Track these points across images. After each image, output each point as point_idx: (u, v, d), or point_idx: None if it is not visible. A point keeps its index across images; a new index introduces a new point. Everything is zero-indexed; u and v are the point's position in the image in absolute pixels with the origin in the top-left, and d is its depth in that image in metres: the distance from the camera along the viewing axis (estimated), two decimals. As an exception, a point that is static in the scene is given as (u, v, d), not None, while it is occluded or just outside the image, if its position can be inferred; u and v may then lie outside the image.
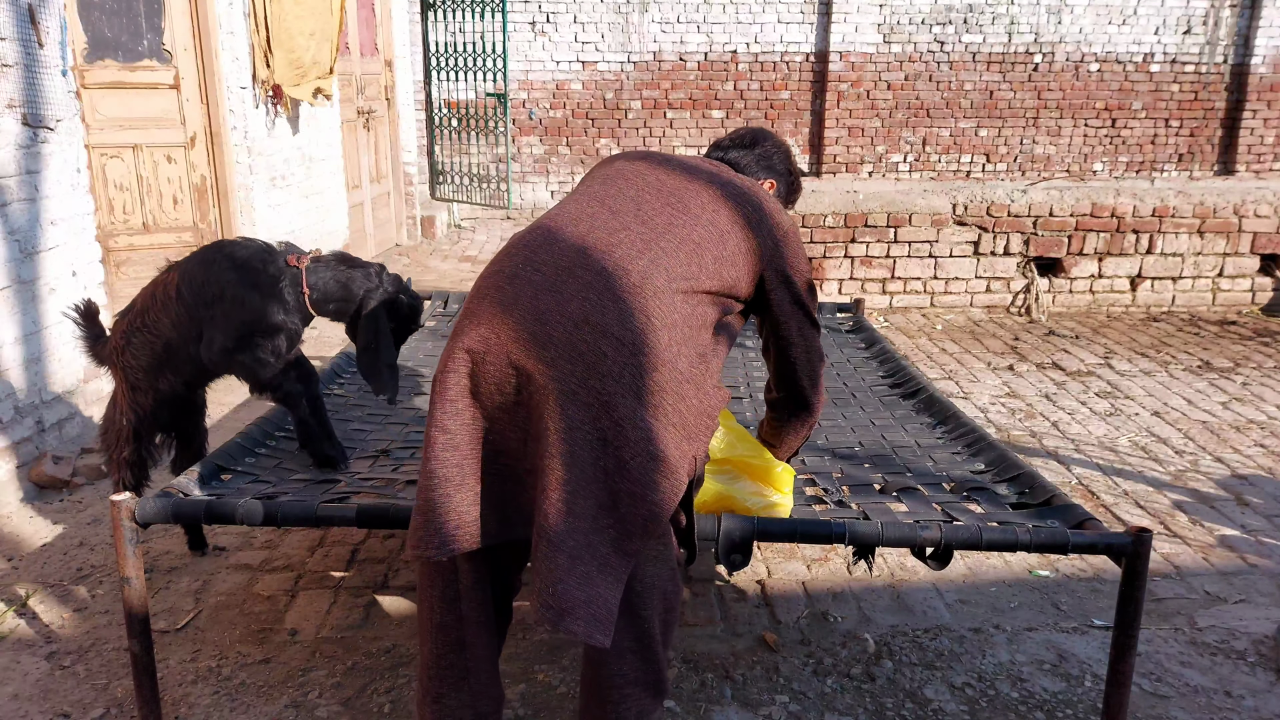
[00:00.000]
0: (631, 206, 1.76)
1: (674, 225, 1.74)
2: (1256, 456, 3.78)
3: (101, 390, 3.84)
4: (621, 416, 1.55)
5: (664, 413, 1.59)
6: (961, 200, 5.91)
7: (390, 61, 8.03)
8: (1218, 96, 10.07)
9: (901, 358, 3.41)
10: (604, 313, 1.58)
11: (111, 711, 2.23)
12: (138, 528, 1.95)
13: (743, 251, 1.80)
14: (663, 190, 1.81)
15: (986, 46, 9.81)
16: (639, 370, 1.57)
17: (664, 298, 1.64)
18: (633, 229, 1.72)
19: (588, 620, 1.53)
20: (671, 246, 1.71)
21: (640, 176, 1.84)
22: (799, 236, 1.92)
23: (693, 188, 1.82)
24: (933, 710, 2.23)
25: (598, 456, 1.55)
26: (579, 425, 1.55)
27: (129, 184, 4.84)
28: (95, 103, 4.62)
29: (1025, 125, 10.07)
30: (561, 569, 1.52)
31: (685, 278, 1.69)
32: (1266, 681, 2.36)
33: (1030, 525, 1.97)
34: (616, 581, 1.58)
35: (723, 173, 1.91)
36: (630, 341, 1.57)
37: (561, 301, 1.59)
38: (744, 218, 1.82)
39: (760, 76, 9.83)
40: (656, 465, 1.56)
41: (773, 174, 2.10)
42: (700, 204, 1.79)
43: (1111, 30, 9.83)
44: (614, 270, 1.63)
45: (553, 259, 1.65)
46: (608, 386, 1.55)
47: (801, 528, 1.95)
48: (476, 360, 1.62)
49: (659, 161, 1.90)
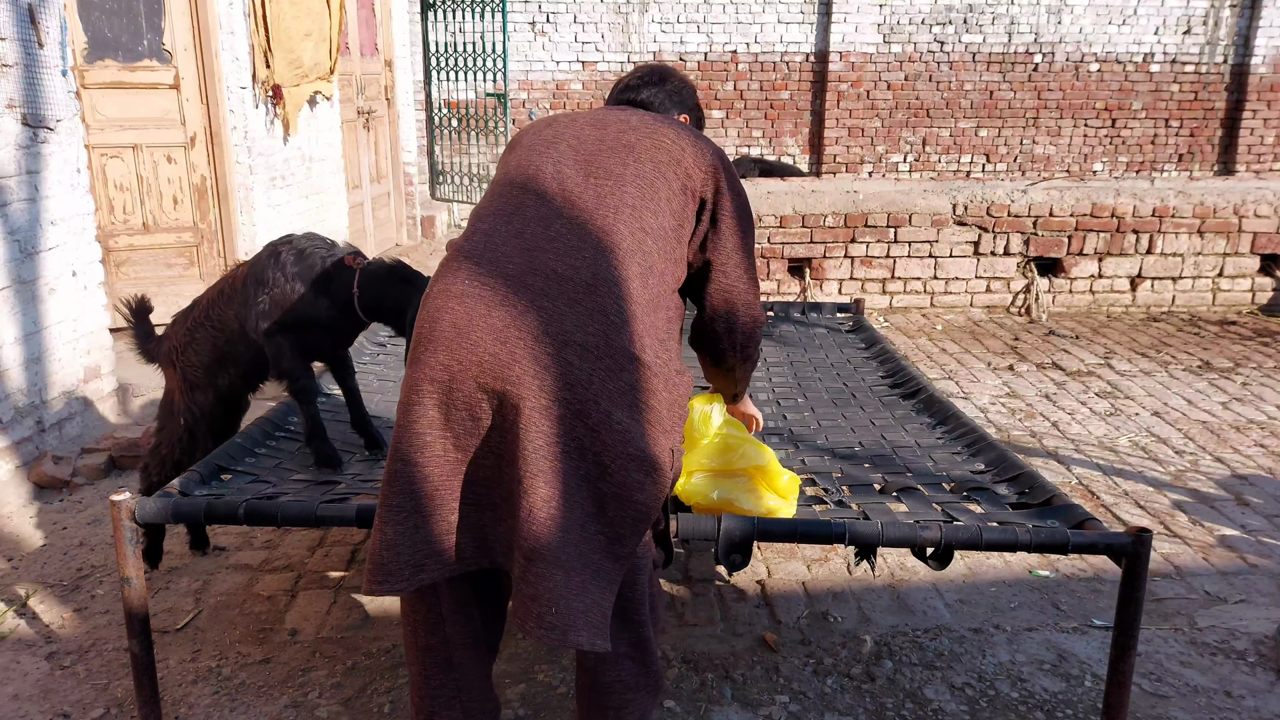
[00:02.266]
0: (557, 190, 1.70)
1: (605, 197, 1.68)
2: (1256, 456, 3.78)
3: (102, 390, 3.85)
4: (596, 422, 1.54)
5: (638, 410, 1.57)
6: (961, 200, 5.91)
7: (390, 61, 8.03)
8: (1218, 96, 10.07)
9: (901, 358, 3.41)
10: (562, 320, 1.55)
11: (111, 711, 2.23)
12: (138, 528, 1.95)
13: (679, 185, 1.76)
14: (586, 161, 1.74)
15: (986, 46, 9.81)
16: (607, 373, 1.55)
17: (617, 289, 1.60)
18: (567, 216, 1.66)
19: (589, 629, 1.52)
20: (611, 222, 1.65)
21: (556, 151, 1.76)
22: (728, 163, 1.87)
23: (614, 144, 1.75)
24: (933, 710, 2.23)
25: (578, 465, 1.54)
26: (555, 439, 1.52)
27: (129, 184, 4.84)
28: (95, 103, 4.62)
29: (1025, 125, 10.07)
30: (560, 585, 1.51)
31: (633, 251, 1.65)
32: (1266, 681, 2.36)
33: (1030, 525, 1.97)
34: (611, 586, 1.58)
35: (637, 117, 1.84)
36: (594, 346, 1.55)
37: (517, 316, 1.55)
38: (676, 152, 1.77)
39: (760, 76, 9.83)
40: (637, 464, 1.56)
41: (684, 109, 2.05)
42: (625, 160, 1.73)
43: (1111, 30, 9.83)
44: (564, 272, 1.59)
45: (499, 270, 1.60)
46: (578, 395, 1.53)
47: (801, 528, 1.95)
48: (442, 390, 1.57)
49: (571, 127, 1.81)
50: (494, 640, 1.84)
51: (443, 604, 1.73)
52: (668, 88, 2.04)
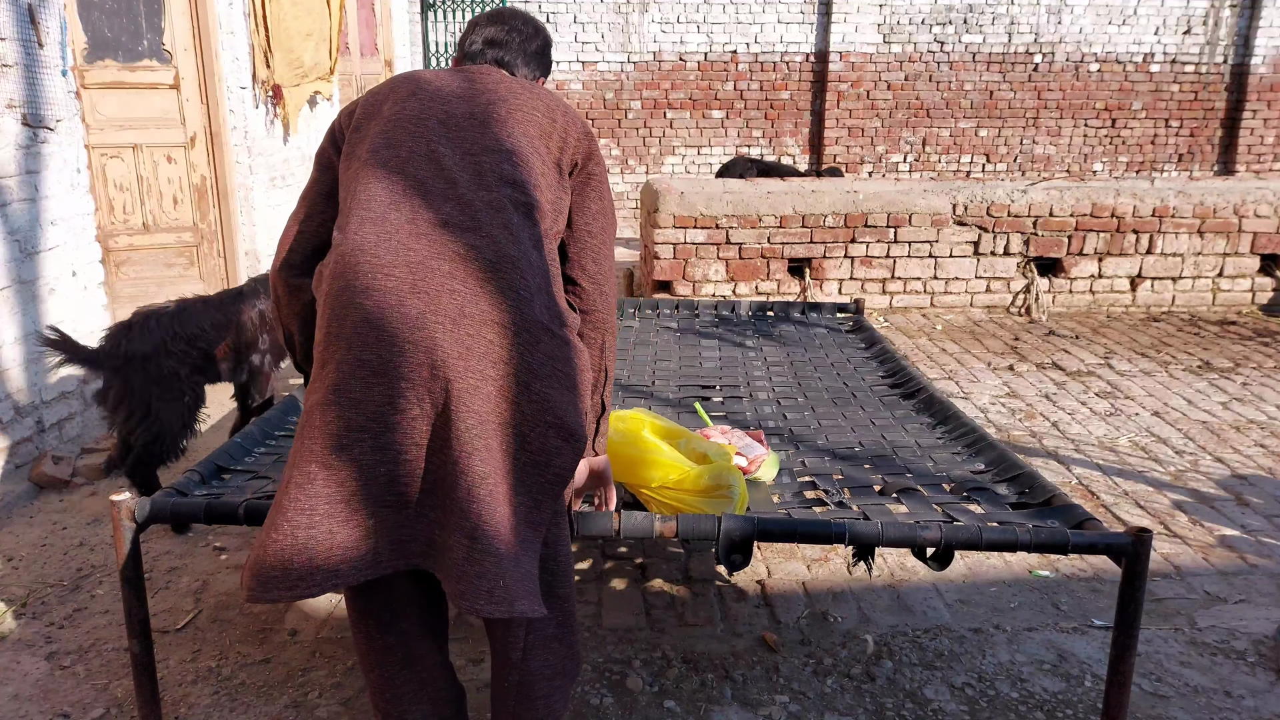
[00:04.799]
0: (437, 172, 1.65)
1: (485, 174, 1.65)
2: (1256, 456, 3.78)
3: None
4: (516, 395, 1.56)
5: (554, 379, 1.59)
6: (961, 200, 5.91)
7: (390, 61, 8.03)
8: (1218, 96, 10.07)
9: (901, 358, 3.41)
10: (477, 301, 1.55)
11: (111, 711, 2.23)
12: (137, 528, 1.95)
13: (552, 159, 1.74)
14: (460, 139, 1.68)
15: (986, 46, 9.82)
16: (525, 347, 1.57)
17: (520, 264, 1.60)
18: (454, 198, 1.63)
19: (528, 598, 1.53)
20: (497, 198, 1.64)
21: (426, 130, 1.69)
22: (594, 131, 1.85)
23: (485, 118, 1.71)
24: (933, 710, 2.23)
25: (503, 440, 1.56)
26: (486, 416, 1.54)
27: (129, 184, 4.84)
28: (95, 103, 4.63)
29: (1025, 125, 10.08)
30: (503, 558, 1.51)
31: (522, 225, 1.64)
32: (1266, 681, 2.36)
33: (1030, 525, 1.97)
34: (534, 553, 1.59)
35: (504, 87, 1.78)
36: (511, 323, 1.56)
37: (431, 301, 1.54)
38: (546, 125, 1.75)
39: (760, 76, 9.83)
40: (556, 431, 1.58)
41: (543, 71, 1.97)
42: (498, 135, 1.69)
43: (1111, 30, 9.84)
44: (466, 252, 1.58)
45: (401, 258, 1.56)
46: (500, 371, 1.55)
47: (801, 528, 1.95)
48: (360, 387, 1.53)
49: (436, 100, 1.73)
50: (443, 628, 1.84)
51: (395, 599, 1.73)
52: (516, 43, 1.92)
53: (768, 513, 2.12)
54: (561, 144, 1.76)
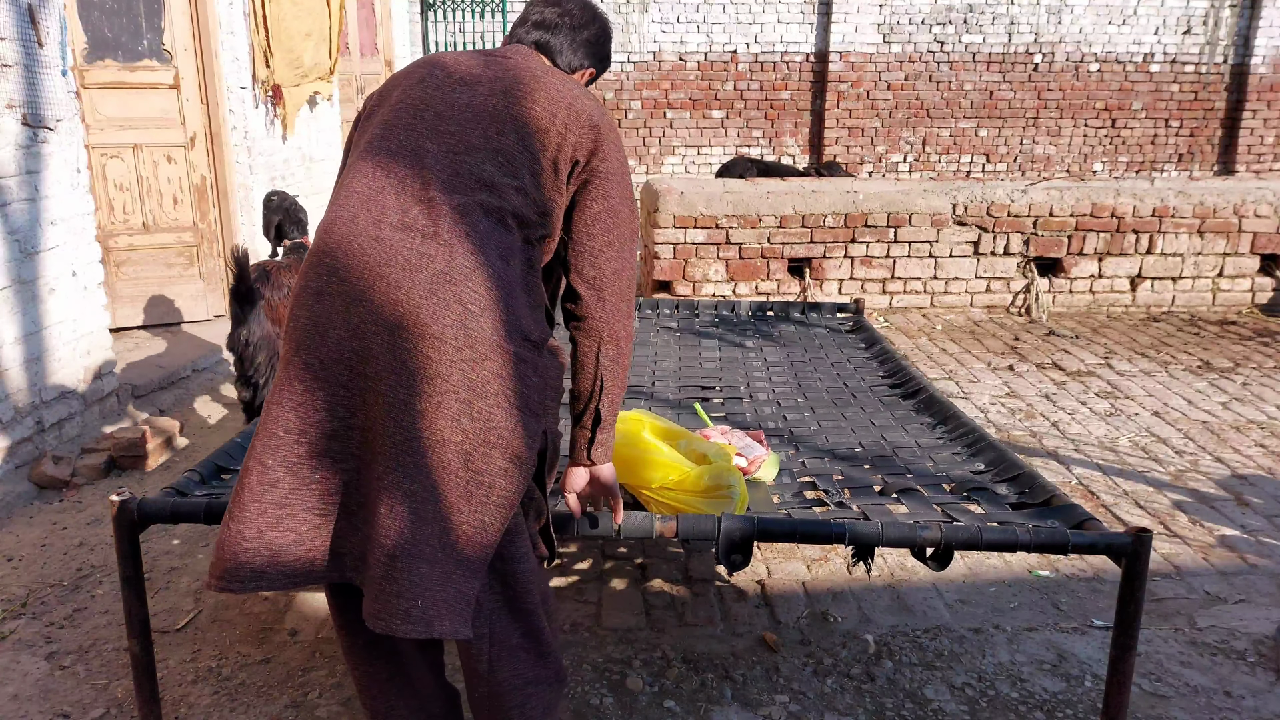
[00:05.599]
0: (415, 170, 1.60)
1: (462, 175, 1.59)
2: (1256, 456, 3.78)
3: (102, 390, 3.85)
4: (457, 413, 1.51)
5: (503, 398, 1.54)
6: (961, 200, 5.91)
7: (390, 61, 8.03)
8: (1218, 96, 10.07)
9: (901, 358, 3.41)
10: (418, 312, 1.50)
11: (111, 711, 2.23)
12: (138, 528, 1.95)
13: (548, 158, 1.64)
14: (450, 134, 1.63)
15: (986, 46, 9.82)
16: (468, 363, 1.51)
17: (475, 276, 1.53)
18: (424, 199, 1.57)
19: (452, 618, 1.51)
20: (467, 201, 1.57)
21: (421, 121, 1.65)
22: (616, 127, 1.73)
23: (480, 112, 1.64)
24: (933, 710, 2.23)
25: (439, 457, 1.51)
26: (416, 433, 1.50)
27: (129, 184, 4.84)
28: (95, 103, 4.63)
29: (1025, 125, 10.08)
30: (424, 578, 1.49)
31: (491, 232, 1.57)
32: (1266, 681, 2.36)
33: (1030, 525, 1.97)
34: (474, 574, 1.55)
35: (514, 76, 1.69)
36: (451, 338, 1.50)
37: (373, 310, 1.50)
38: (545, 120, 1.64)
39: (760, 76, 9.84)
40: (501, 451, 1.54)
41: (591, 62, 1.88)
42: (488, 131, 1.62)
43: (1111, 30, 9.84)
44: (418, 262, 1.52)
45: (356, 263, 1.53)
46: (437, 388, 1.50)
47: (801, 528, 1.95)
48: (303, 390, 1.54)
49: (443, 88, 1.68)
50: None
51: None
52: (569, 27, 1.84)
53: (768, 513, 2.12)
54: (560, 141, 1.65)
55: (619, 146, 1.73)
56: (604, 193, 1.71)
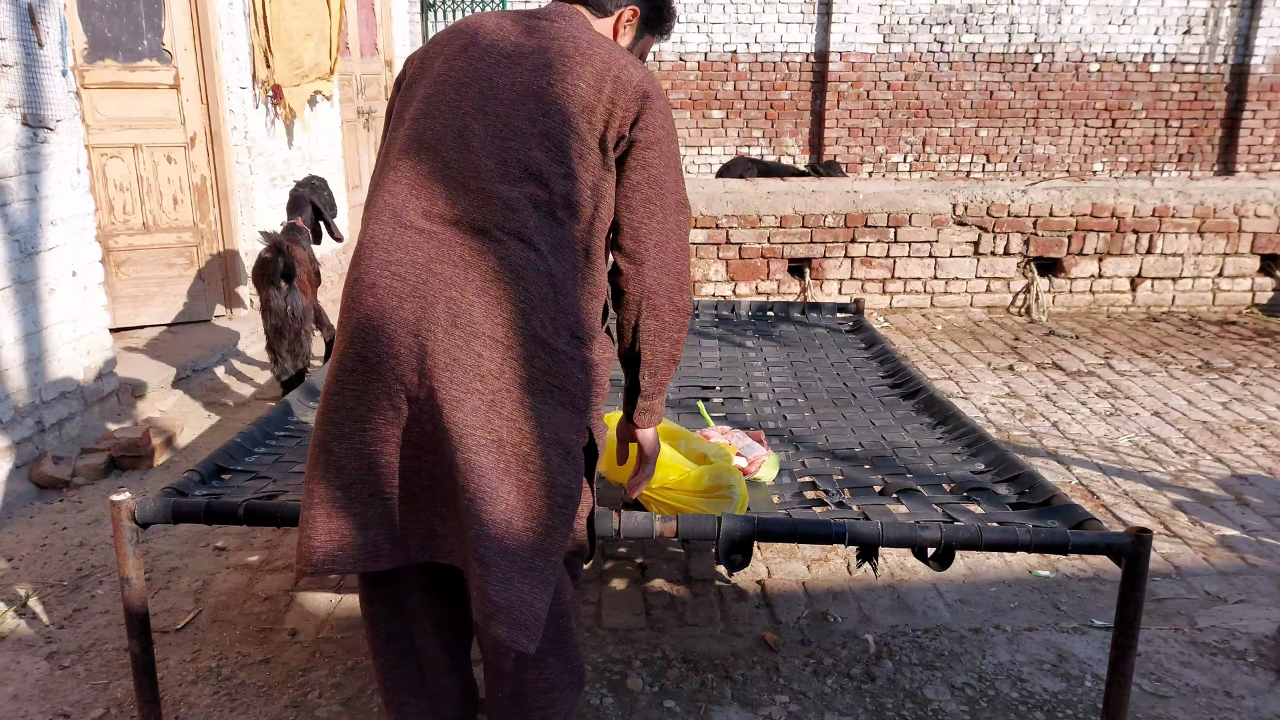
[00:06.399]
0: (462, 157, 1.57)
1: (510, 164, 1.55)
2: (1256, 456, 3.78)
3: (102, 390, 3.85)
4: (511, 412, 1.51)
5: (552, 396, 1.54)
6: (961, 200, 5.91)
7: (390, 61, 8.03)
8: (1218, 96, 10.07)
9: (901, 358, 3.41)
10: (470, 310, 1.50)
11: (111, 711, 2.23)
12: (138, 528, 1.95)
13: (594, 138, 1.59)
14: (495, 117, 1.58)
15: (986, 46, 9.82)
16: (518, 362, 1.52)
17: (525, 273, 1.53)
18: (473, 190, 1.55)
19: (510, 625, 1.49)
20: (515, 195, 1.54)
21: (465, 100, 1.61)
22: (664, 95, 1.65)
23: (524, 92, 1.59)
24: (933, 710, 2.23)
25: (496, 459, 1.51)
26: (472, 431, 1.50)
27: (129, 184, 4.84)
28: (95, 103, 4.63)
29: (1025, 125, 10.08)
30: (477, 576, 1.50)
31: (541, 225, 1.55)
32: (1266, 681, 2.36)
33: (1030, 525, 1.97)
34: (543, 585, 1.53)
35: (556, 47, 1.62)
36: (502, 336, 1.51)
37: (427, 307, 1.51)
38: (590, 97, 1.58)
39: (760, 76, 9.84)
40: (556, 450, 1.54)
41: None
42: (533, 114, 1.57)
43: (1111, 30, 9.84)
44: (470, 257, 1.52)
45: (409, 256, 1.53)
46: (490, 385, 1.50)
47: (801, 528, 1.95)
48: (361, 381, 1.55)
49: (485, 60, 1.63)
50: (460, 625, 1.80)
51: (400, 589, 1.72)
52: None
53: (768, 513, 2.12)
54: (607, 116, 1.59)
55: (665, 114, 1.65)
56: (643, 162, 1.64)
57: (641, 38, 1.84)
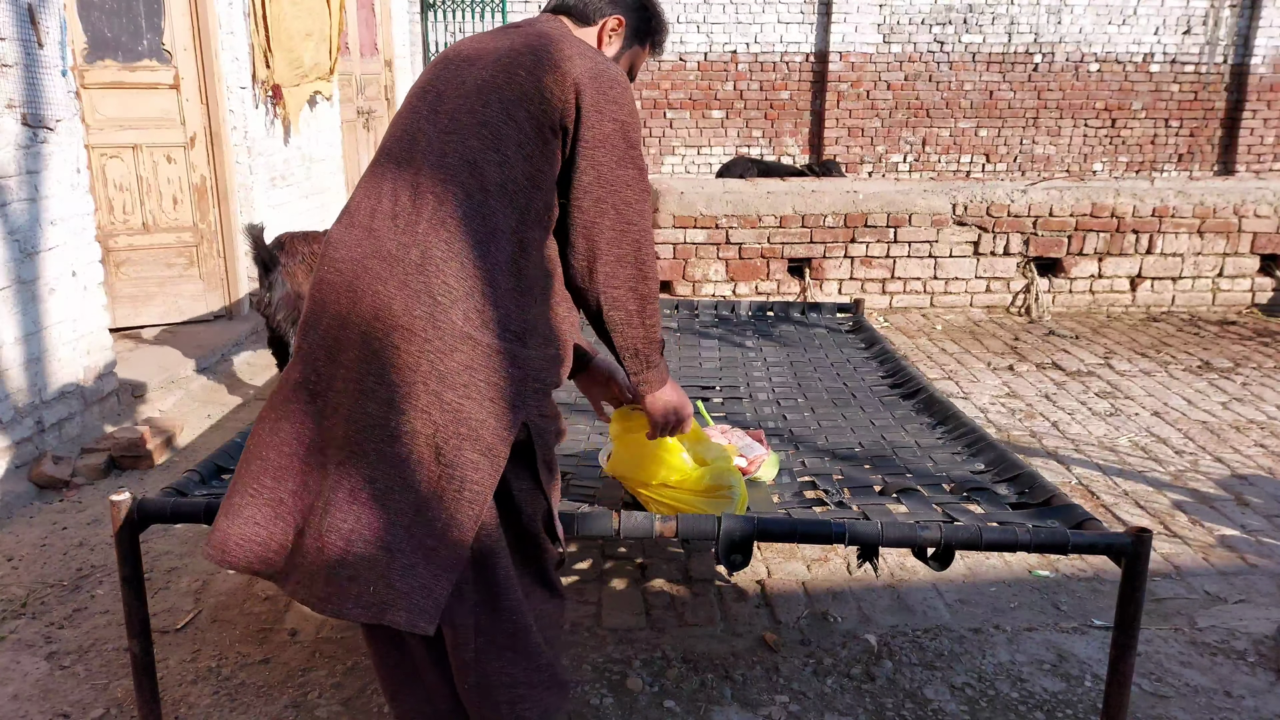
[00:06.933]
0: (409, 154, 1.62)
1: (447, 155, 1.58)
2: (1256, 456, 3.78)
3: (102, 390, 3.85)
4: (426, 404, 1.53)
5: (475, 390, 1.54)
6: (961, 200, 5.91)
7: (390, 61, 8.03)
8: (1218, 96, 10.07)
9: (901, 358, 3.41)
10: (391, 303, 1.53)
11: (111, 711, 2.23)
12: (138, 528, 1.95)
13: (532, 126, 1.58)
14: (445, 113, 1.62)
15: (986, 46, 9.82)
16: (436, 355, 1.53)
17: (447, 266, 1.53)
18: (412, 185, 1.59)
19: (409, 610, 1.52)
20: (447, 187, 1.56)
21: (426, 102, 1.66)
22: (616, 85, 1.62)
23: (473, 87, 1.61)
24: (933, 710, 2.23)
25: (409, 449, 1.53)
26: (385, 422, 1.53)
27: (129, 184, 4.84)
28: (95, 103, 4.62)
29: (1025, 125, 10.08)
30: (383, 566, 1.52)
31: (470, 216, 1.55)
32: (1266, 681, 2.36)
33: (1030, 525, 1.97)
34: (446, 570, 1.55)
35: (509, 44, 1.64)
36: (420, 329, 1.53)
37: (355, 300, 1.56)
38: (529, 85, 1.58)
39: (760, 76, 9.84)
40: (471, 445, 1.54)
41: (617, 8, 1.78)
42: (474, 106, 1.59)
43: (1111, 30, 9.84)
44: (396, 252, 1.55)
45: (349, 253, 1.59)
46: (405, 378, 1.53)
47: (801, 528, 1.95)
48: (303, 372, 1.61)
49: (452, 65, 1.68)
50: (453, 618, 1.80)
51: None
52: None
53: (768, 513, 2.12)
54: (543, 104, 1.58)
55: (616, 108, 1.62)
56: (592, 161, 1.62)
57: (629, 48, 1.84)
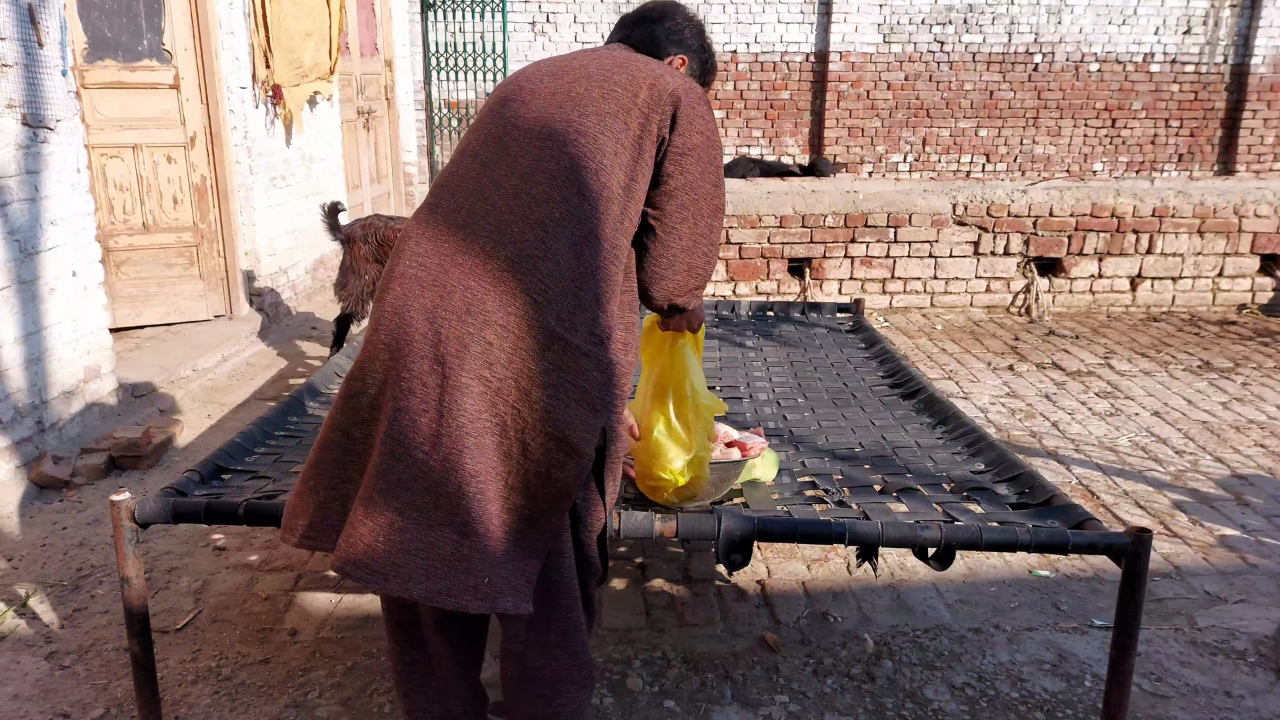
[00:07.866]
0: (499, 157, 1.66)
1: (542, 161, 1.62)
2: (1256, 456, 3.78)
3: (102, 390, 3.85)
4: (515, 401, 1.56)
5: (562, 391, 1.57)
6: (961, 200, 5.91)
7: (390, 61, 8.03)
8: (1218, 96, 10.07)
9: (901, 358, 3.41)
10: (485, 300, 1.56)
11: (111, 711, 2.23)
12: (138, 528, 1.95)
13: (630, 137, 1.66)
14: (534, 120, 1.68)
15: (986, 46, 9.81)
16: (529, 354, 1.56)
17: (542, 266, 1.57)
18: (505, 187, 1.63)
19: (513, 594, 1.56)
20: (543, 191, 1.61)
21: (509, 110, 1.72)
22: (705, 103, 1.73)
23: (564, 98, 1.69)
24: (933, 710, 2.24)
25: (499, 441, 1.57)
26: (476, 416, 1.55)
27: (129, 184, 4.84)
28: (95, 103, 4.62)
29: (1025, 125, 10.07)
30: (494, 556, 1.55)
31: (565, 220, 1.59)
32: (1266, 681, 2.36)
33: (1030, 525, 1.97)
34: (533, 554, 1.60)
35: (599, 62, 1.74)
36: (514, 326, 1.56)
37: (444, 295, 1.57)
38: (627, 99, 1.67)
39: (760, 76, 9.83)
40: (557, 443, 1.57)
41: (683, 49, 1.91)
42: (569, 115, 1.66)
43: (1111, 30, 9.83)
44: (492, 250, 1.58)
45: (435, 248, 1.62)
46: (497, 374, 1.55)
47: (801, 527, 1.95)
48: (383, 369, 1.61)
49: (533, 78, 1.76)
50: (469, 625, 1.81)
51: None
52: (666, 25, 1.90)
53: (768, 513, 2.12)
54: (644, 119, 1.66)
55: (705, 121, 1.73)
56: (681, 168, 1.71)
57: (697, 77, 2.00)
